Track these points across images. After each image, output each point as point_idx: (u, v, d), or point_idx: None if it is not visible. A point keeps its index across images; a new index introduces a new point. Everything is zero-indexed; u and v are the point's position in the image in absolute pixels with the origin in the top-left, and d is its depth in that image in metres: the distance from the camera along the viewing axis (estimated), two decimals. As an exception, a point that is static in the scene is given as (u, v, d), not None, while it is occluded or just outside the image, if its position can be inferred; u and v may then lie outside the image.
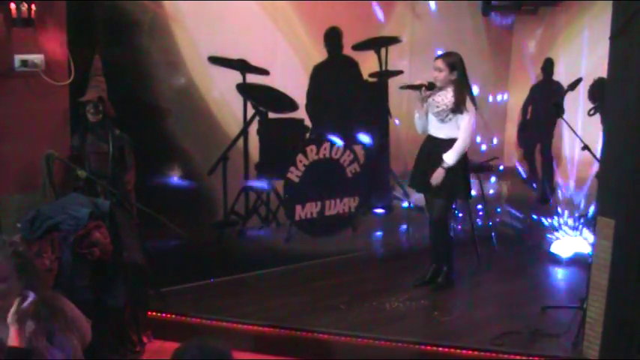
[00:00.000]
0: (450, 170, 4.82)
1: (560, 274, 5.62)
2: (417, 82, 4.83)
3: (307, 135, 5.56)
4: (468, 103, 4.78)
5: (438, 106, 4.81)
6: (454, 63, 4.78)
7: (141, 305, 4.30)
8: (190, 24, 4.83)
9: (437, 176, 4.82)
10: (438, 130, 4.89)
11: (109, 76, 4.37)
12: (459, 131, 4.79)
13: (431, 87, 4.79)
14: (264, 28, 5.14)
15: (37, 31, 4.14)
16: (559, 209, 6.09)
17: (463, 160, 4.88)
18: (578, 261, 5.55)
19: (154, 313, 4.45)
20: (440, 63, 4.80)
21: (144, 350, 4.22)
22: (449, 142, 4.82)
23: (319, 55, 5.47)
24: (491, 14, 6.12)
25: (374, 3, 5.62)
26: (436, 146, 4.89)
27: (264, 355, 4.28)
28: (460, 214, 6.00)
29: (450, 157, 4.78)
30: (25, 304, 2.45)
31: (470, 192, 5.17)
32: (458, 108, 4.76)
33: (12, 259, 2.52)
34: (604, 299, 3.87)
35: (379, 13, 5.67)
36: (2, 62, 4.09)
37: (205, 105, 5.03)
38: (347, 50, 5.55)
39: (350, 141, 5.72)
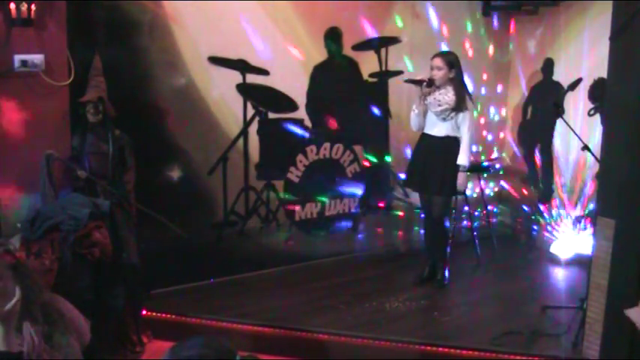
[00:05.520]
0: (451, 168, 4.87)
1: (560, 274, 5.62)
2: (418, 77, 4.92)
3: (307, 135, 5.55)
4: (467, 102, 4.86)
5: (440, 105, 4.85)
6: (452, 61, 4.86)
7: (139, 305, 4.30)
8: (190, 24, 4.83)
9: (462, 182, 4.92)
10: (437, 128, 4.93)
11: (109, 76, 4.36)
12: (457, 130, 4.87)
13: (430, 84, 4.83)
14: (264, 28, 5.14)
15: (37, 31, 4.13)
16: (558, 209, 6.08)
17: (456, 159, 4.90)
18: (578, 261, 5.55)
19: (154, 313, 4.45)
20: (439, 61, 4.85)
21: (144, 350, 4.22)
22: (446, 140, 4.89)
23: (319, 55, 5.47)
24: (491, 14, 6.13)
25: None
26: (433, 144, 4.94)
27: (263, 355, 4.21)
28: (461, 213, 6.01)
29: (464, 159, 4.88)
30: (9, 304, 2.43)
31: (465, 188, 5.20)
32: (459, 107, 4.82)
33: (3, 258, 2.51)
34: (604, 299, 3.87)
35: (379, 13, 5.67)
36: (2, 62, 4.07)
37: (205, 105, 5.02)
38: (347, 50, 5.56)
39: (350, 141, 5.72)
